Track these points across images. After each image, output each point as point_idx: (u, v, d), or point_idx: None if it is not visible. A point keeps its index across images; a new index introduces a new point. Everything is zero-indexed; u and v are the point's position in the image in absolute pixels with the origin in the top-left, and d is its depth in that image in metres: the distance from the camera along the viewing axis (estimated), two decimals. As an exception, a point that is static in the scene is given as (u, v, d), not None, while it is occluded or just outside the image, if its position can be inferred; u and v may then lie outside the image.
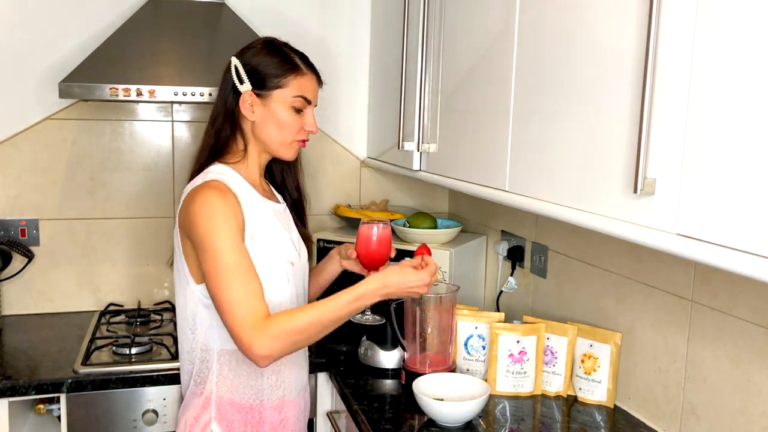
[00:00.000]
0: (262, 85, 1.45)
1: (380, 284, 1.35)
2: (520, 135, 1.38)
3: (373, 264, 1.55)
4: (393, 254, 1.56)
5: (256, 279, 1.34)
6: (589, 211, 1.16)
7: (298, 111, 1.47)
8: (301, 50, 1.54)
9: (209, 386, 1.44)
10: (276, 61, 1.46)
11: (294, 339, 1.29)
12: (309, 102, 1.49)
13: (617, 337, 1.58)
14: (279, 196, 1.62)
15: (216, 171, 1.46)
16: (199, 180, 1.44)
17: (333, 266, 1.69)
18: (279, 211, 1.54)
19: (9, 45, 2.13)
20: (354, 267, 1.64)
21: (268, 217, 1.47)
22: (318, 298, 1.73)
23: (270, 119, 1.46)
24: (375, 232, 1.53)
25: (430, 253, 1.52)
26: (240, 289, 1.30)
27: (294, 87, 1.46)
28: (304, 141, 1.52)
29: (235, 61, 1.48)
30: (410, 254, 2.03)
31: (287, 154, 1.51)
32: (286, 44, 1.52)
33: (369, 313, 1.60)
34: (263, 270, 1.40)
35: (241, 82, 1.46)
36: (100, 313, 2.21)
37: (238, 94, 1.46)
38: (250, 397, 1.45)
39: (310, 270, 1.67)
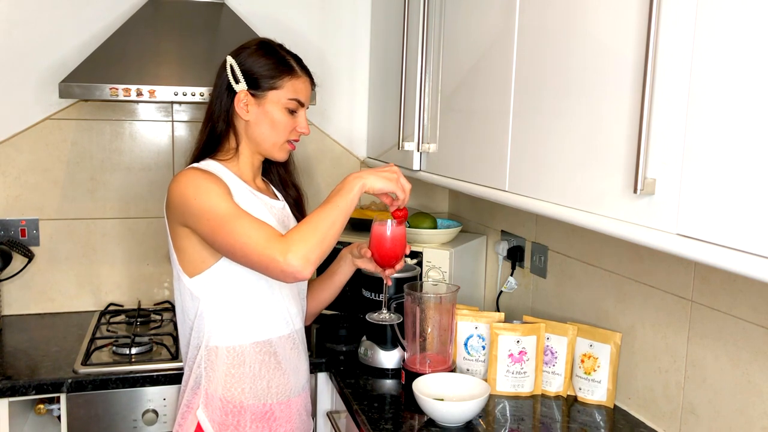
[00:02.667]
0: (257, 85, 1.47)
1: (353, 175, 1.38)
2: (520, 135, 1.39)
3: (388, 262, 1.53)
4: (408, 251, 1.55)
5: (259, 219, 1.36)
6: (589, 211, 1.16)
7: (292, 112, 1.50)
8: (299, 50, 1.55)
9: (200, 376, 1.47)
10: (271, 63, 1.48)
11: (316, 238, 1.30)
12: (302, 104, 1.51)
13: (617, 337, 1.58)
14: (279, 195, 1.63)
15: (204, 165, 1.48)
16: None
17: (346, 267, 1.68)
18: (275, 207, 1.55)
19: (9, 45, 2.13)
20: (368, 265, 1.62)
21: (258, 208, 1.47)
22: (335, 300, 1.74)
23: (264, 119, 1.48)
24: (388, 229, 1.51)
25: (404, 219, 1.51)
26: (248, 225, 1.32)
27: (288, 89, 1.48)
28: (294, 142, 1.54)
29: (230, 60, 1.48)
30: (411, 254, 2.03)
31: (278, 155, 1.53)
32: (281, 46, 1.53)
33: (386, 311, 1.59)
34: None
35: (237, 81, 1.47)
36: (100, 313, 2.21)
37: (233, 93, 1.48)
38: (235, 391, 1.46)
39: (321, 272, 1.69)
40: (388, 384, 1.74)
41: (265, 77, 1.47)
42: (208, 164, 1.48)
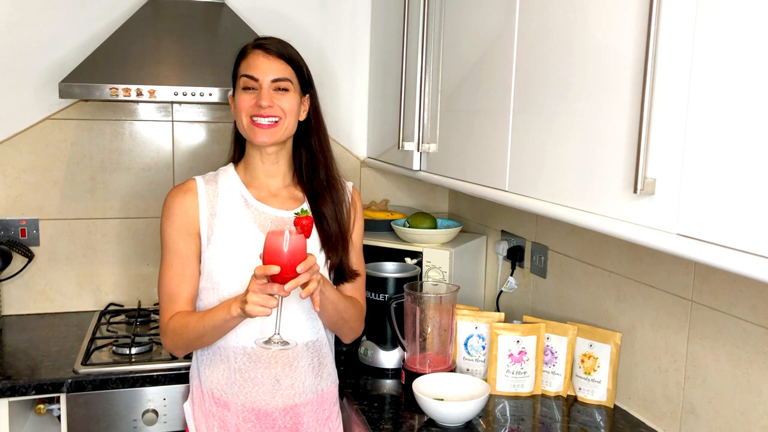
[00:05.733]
0: (233, 86, 1.49)
1: (233, 303, 1.33)
2: (520, 135, 1.39)
3: (283, 280, 1.26)
4: (306, 267, 1.27)
5: (178, 281, 1.45)
6: (589, 211, 1.16)
7: (250, 90, 1.43)
8: (298, 49, 1.51)
9: (192, 369, 1.56)
10: (235, 60, 1.49)
11: (178, 339, 1.44)
12: (254, 78, 1.42)
13: (617, 337, 1.58)
14: (305, 204, 1.52)
15: (218, 170, 1.54)
16: None
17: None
18: (277, 215, 1.48)
19: (9, 45, 2.13)
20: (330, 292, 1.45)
21: (239, 222, 1.46)
22: None
23: (235, 110, 1.47)
24: (286, 242, 1.25)
25: (306, 228, 1.29)
26: (162, 290, 1.47)
27: (241, 71, 1.45)
28: (261, 122, 1.41)
29: None
30: (411, 254, 2.03)
31: (253, 138, 1.43)
32: (258, 36, 1.52)
33: (278, 336, 1.33)
34: (219, 270, 1.45)
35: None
36: (100, 313, 2.21)
37: None
38: (208, 387, 1.49)
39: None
40: (388, 384, 1.74)
41: (233, 75, 1.49)
42: (222, 169, 1.54)
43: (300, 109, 1.48)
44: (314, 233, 1.49)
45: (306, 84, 1.49)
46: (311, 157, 1.53)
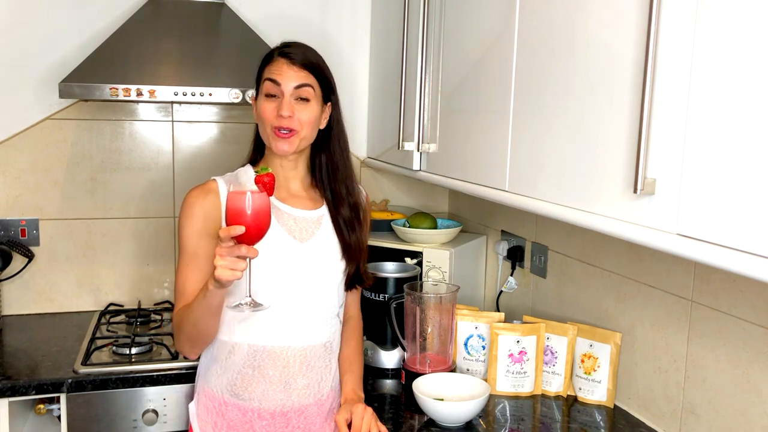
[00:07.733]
0: (256, 88, 1.49)
1: (204, 288, 1.32)
2: (519, 135, 1.39)
3: (249, 240, 1.24)
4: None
5: (192, 279, 1.43)
6: (589, 211, 1.16)
7: (272, 97, 1.42)
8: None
9: (200, 368, 1.55)
10: (260, 63, 1.48)
11: (180, 334, 1.44)
12: (276, 83, 1.41)
13: (617, 337, 1.58)
14: (325, 205, 1.53)
15: (236, 171, 1.52)
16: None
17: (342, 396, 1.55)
18: (298, 216, 1.47)
19: (9, 45, 2.13)
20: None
21: None
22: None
23: (258, 115, 1.47)
24: (249, 202, 1.21)
25: (269, 186, 1.25)
26: (176, 288, 1.46)
27: (264, 75, 1.45)
28: (282, 132, 1.41)
29: None
30: (411, 254, 2.03)
31: (274, 147, 1.44)
32: (282, 43, 1.49)
33: (249, 298, 1.30)
34: None
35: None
36: (100, 313, 2.21)
37: None
38: (218, 388, 1.47)
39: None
40: (388, 384, 1.74)
41: (257, 77, 1.48)
42: (241, 170, 1.52)
43: (321, 118, 1.48)
44: (335, 240, 1.51)
45: (328, 92, 1.49)
46: (330, 164, 1.53)
